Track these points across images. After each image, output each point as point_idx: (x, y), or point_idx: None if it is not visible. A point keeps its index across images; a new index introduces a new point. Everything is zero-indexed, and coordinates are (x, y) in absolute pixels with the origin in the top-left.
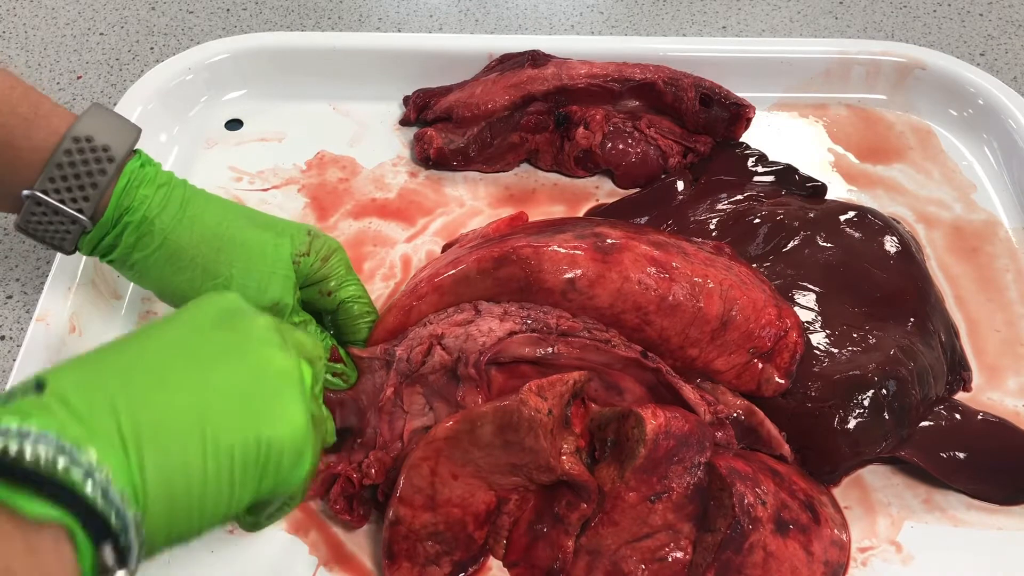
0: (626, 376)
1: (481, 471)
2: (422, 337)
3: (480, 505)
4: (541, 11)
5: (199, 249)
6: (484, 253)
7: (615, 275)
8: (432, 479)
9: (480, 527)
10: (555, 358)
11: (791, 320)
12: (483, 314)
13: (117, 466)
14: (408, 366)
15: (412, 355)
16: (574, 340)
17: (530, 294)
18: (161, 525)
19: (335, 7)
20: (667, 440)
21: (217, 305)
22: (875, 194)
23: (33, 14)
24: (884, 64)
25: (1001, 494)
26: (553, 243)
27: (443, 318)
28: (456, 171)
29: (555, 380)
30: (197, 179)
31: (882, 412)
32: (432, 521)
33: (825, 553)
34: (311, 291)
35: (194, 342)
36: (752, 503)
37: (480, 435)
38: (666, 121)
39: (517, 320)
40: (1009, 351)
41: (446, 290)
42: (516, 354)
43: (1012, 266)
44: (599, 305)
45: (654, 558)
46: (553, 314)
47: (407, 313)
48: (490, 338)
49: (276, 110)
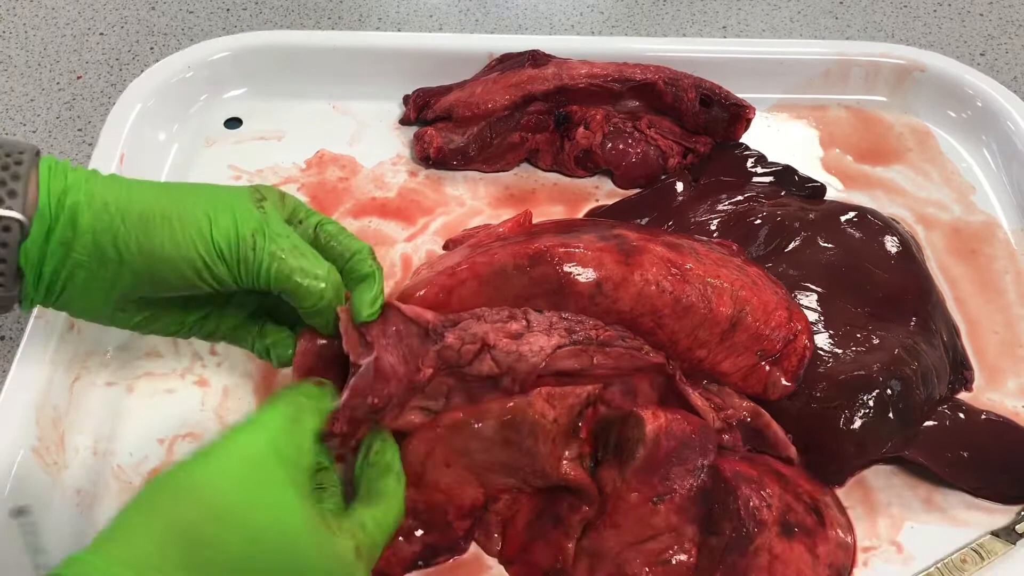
0: (644, 380)
1: (475, 465)
2: (475, 336)
3: (466, 499)
4: (541, 11)
5: (163, 203)
6: (519, 249)
7: (637, 277)
8: (424, 460)
9: (461, 518)
10: (593, 369)
11: (801, 324)
12: (533, 328)
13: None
14: (456, 358)
15: (463, 350)
16: (611, 351)
17: (562, 296)
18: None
19: (335, 7)
20: (668, 441)
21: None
22: (874, 195)
23: (33, 14)
24: (883, 66)
25: (1006, 493)
26: (582, 244)
27: (496, 321)
28: (456, 170)
29: (568, 392)
30: (197, 177)
31: (887, 412)
32: (412, 498)
33: (830, 556)
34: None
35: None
36: (757, 506)
37: (482, 429)
38: (666, 121)
39: (563, 333)
40: (1008, 352)
41: (485, 280)
42: (560, 367)
43: (1011, 268)
44: (621, 308)
45: (658, 561)
46: (589, 323)
47: (448, 293)
48: (540, 357)
49: (276, 109)
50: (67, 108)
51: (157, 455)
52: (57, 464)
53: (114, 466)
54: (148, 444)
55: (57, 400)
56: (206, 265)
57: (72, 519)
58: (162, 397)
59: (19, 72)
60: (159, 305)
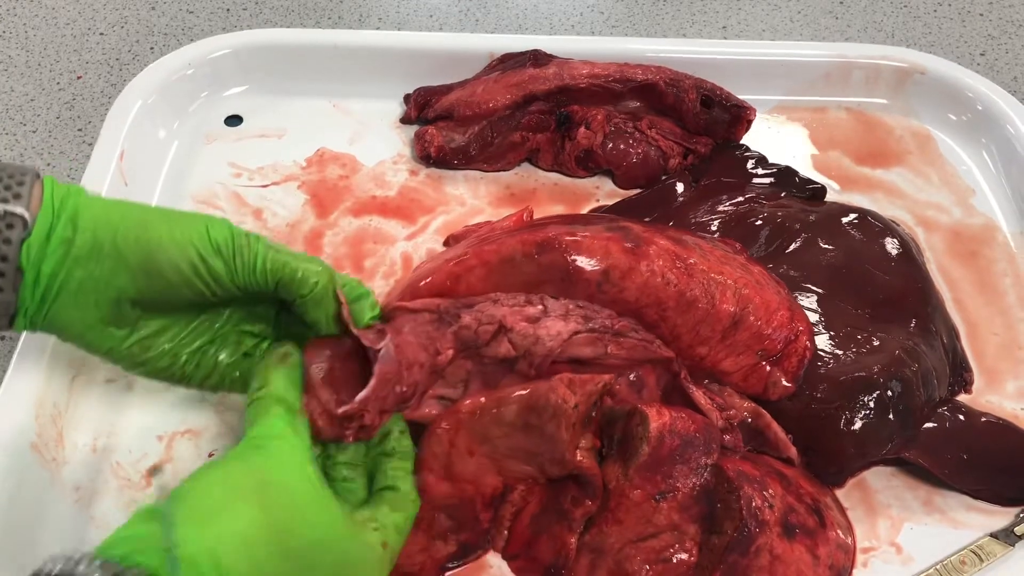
0: (651, 375)
1: (496, 452)
2: (492, 317)
3: (488, 488)
4: (541, 11)
5: (162, 211)
6: (527, 237)
7: (643, 268)
8: (449, 449)
9: (486, 509)
10: (606, 358)
11: (803, 325)
12: (550, 313)
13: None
14: (473, 338)
15: (480, 330)
16: (625, 341)
17: (569, 284)
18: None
19: (335, 7)
20: (672, 439)
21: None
22: (874, 197)
23: (33, 14)
24: (884, 68)
25: (1005, 495)
26: (589, 233)
27: (514, 305)
28: (456, 170)
29: (587, 379)
30: (197, 175)
31: (887, 413)
32: (450, 494)
33: (831, 557)
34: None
35: None
36: (759, 506)
37: (504, 413)
38: (667, 122)
39: (579, 320)
40: (1007, 355)
41: (493, 267)
42: (574, 354)
43: (1010, 270)
44: (627, 298)
45: (658, 559)
46: (604, 312)
47: (456, 280)
48: (556, 342)
49: (276, 107)
50: (67, 108)
51: (156, 452)
52: (56, 460)
53: (113, 462)
54: (147, 441)
55: (56, 396)
56: (202, 259)
57: (71, 515)
58: (161, 394)
59: (19, 72)
60: (152, 324)
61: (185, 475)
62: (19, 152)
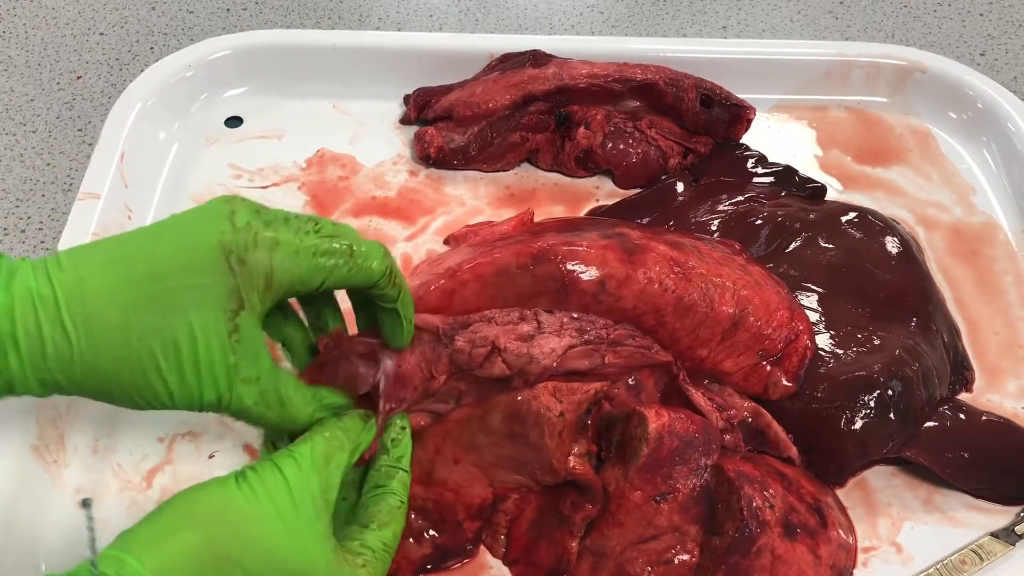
0: (650, 378)
1: (484, 461)
2: (485, 339)
3: (475, 497)
4: (541, 11)
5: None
6: (521, 248)
7: (640, 276)
8: (434, 456)
9: (471, 519)
10: (604, 368)
11: (803, 324)
12: (544, 329)
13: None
14: (467, 362)
15: (473, 353)
16: (622, 349)
17: (565, 295)
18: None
19: (335, 7)
20: (671, 440)
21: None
22: (874, 196)
23: (33, 14)
24: (884, 67)
25: (1005, 494)
26: (585, 242)
27: (507, 323)
28: (456, 170)
29: (576, 387)
30: (197, 176)
31: (888, 412)
32: (421, 496)
33: (832, 557)
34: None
35: None
36: (760, 506)
37: (489, 421)
38: (667, 122)
39: (573, 333)
40: (1008, 353)
41: (488, 280)
42: (570, 367)
43: (1011, 269)
44: (624, 307)
45: (660, 560)
46: (599, 322)
47: (450, 296)
48: (551, 359)
49: (276, 108)
50: (67, 108)
51: (157, 453)
52: (57, 462)
53: (114, 464)
54: (148, 442)
55: (57, 399)
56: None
57: (72, 517)
58: None
59: (19, 72)
60: None
61: (185, 476)
62: (19, 152)
